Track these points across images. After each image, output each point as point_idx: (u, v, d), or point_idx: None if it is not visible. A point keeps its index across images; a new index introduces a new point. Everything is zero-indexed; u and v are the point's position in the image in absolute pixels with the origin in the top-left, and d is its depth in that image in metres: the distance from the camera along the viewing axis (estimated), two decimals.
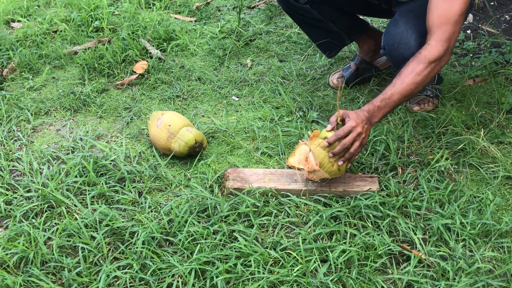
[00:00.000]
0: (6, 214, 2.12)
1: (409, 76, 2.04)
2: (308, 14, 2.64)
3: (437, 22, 2.07)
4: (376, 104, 2.04)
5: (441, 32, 2.06)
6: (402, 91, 2.04)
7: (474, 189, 2.16)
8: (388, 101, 2.04)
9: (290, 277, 1.75)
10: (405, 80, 2.04)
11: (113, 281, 1.81)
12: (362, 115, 2.02)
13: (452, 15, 2.05)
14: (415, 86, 2.05)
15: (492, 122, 2.48)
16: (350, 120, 1.99)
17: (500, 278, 1.78)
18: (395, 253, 1.88)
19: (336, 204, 2.04)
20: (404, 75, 2.04)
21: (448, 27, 2.05)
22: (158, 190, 2.22)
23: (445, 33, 2.05)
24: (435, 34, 2.06)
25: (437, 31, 2.06)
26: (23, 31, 3.55)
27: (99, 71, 3.12)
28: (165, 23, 3.55)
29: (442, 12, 2.06)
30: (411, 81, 2.03)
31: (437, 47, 2.04)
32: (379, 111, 2.04)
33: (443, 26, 2.05)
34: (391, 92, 2.04)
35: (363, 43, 2.84)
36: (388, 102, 2.04)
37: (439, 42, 2.05)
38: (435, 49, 2.04)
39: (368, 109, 2.04)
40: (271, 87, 2.91)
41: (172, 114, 2.45)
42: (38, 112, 2.79)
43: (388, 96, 2.04)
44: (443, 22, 2.06)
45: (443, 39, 2.05)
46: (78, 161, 2.32)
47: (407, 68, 2.05)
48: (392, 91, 2.04)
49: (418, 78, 2.04)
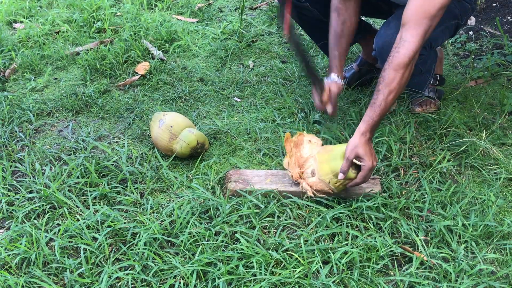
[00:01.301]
0: (8, 215, 2.12)
1: (394, 81, 2.00)
2: (309, 13, 2.63)
3: (414, 14, 2.01)
4: (375, 120, 2.02)
5: (417, 26, 2.00)
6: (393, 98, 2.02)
7: (476, 190, 2.16)
8: (383, 112, 2.03)
9: (292, 278, 1.75)
10: (392, 86, 2.01)
11: (115, 282, 1.81)
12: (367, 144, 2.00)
13: (430, 8, 1.99)
14: (401, 89, 2.04)
15: (494, 124, 2.48)
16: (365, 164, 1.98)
17: (502, 280, 1.78)
18: (397, 254, 1.88)
19: (338, 206, 2.04)
20: (389, 81, 2.01)
21: (425, 21, 2.00)
22: (160, 191, 2.22)
23: (421, 27, 2.00)
24: (411, 29, 2.01)
25: (412, 25, 2.00)
26: (25, 32, 3.55)
27: (101, 72, 3.12)
28: (167, 24, 3.55)
29: (419, 6, 2.00)
30: (398, 85, 2.01)
31: (413, 43, 2.00)
32: (377, 124, 2.05)
33: (420, 19, 1.99)
34: (385, 102, 2.01)
35: (365, 44, 2.84)
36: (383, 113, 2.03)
37: (415, 37, 2.00)
38: (412, 45, 2.00)
39: (370, 128, 2.02)
40: (273, 88, 2.91)
41: (174, 115, 2.45)
42: (40, 113, 2.79)
43: (383, 107, 2.01)
44: (421, 16, 1.99)
45: (419, 33, 2.00)
46: (80, 162, 2.32)
47: (390, 73, 2.01)
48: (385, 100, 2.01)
49: (403, 81, 2.02)
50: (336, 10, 2.42)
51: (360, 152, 1.99)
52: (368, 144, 2.02)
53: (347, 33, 2.43)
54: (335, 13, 2.42)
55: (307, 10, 2.62)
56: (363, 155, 1.99)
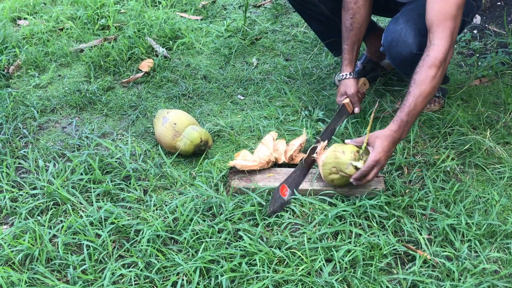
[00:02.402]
0: (12, 211, 2.13)
1: (425, 82, 2.00)
2: (316, 9, 2.63)
3: (437, 19, 2.03)
4: (404, 120, 2.01)
5: (442, 29, 2.02)
6: (424, 99, 2.01)
7: (480, 189, 2.15)
8: (413, 113, 2.02)
9: (295, 276, 1.75)
10: (423, 87, 2.00)
11: (118, 279, 1.81)
12: (389, 140, 2.00)
13: (450, 9, 2.02)
14: (433, 90, 2.03)
15: (498, 123, 2.47)
16: (374, 153, 1.99)
17: (506, 279, 1.78)
18: (400, 253, 1.88)
19: (341, 204, 2.04)
20: (420, 82, 2.00)
21: (448, 23, 2.02)
22: (163, 188, 2.22)
23: (446, 30, 2.02)
24: (437, 32, 2.03)
25: (438, 29, 2.03)
26: (29, 29, 3.56)
27: (105, 69, 3.12)
28: (171, 22, 3.55)
29: (440, 9, 2.03)
30: (429, 86, 2.00)
31: (443, 45, 2.02)
32: (407, 125, 2.03)
33: (443, 22, 2.02)
34: (414, 103, 2.00)
35: (370, 42, 2.84)
36: (414, 114, 2.02)
37: (443, 40, 2.02)
38: (442, 47, 2.02)
39: (398, 127, 2.01)
40: (277, 86, 2.91)
41: (178, 112, 2.45)
42: (44, 109, 2.79)
43: (413, 107, 2.01)
44: (442, 19, 2.03)
45: (446, 36, 2.02)
46: (84, 159, 2.32)
47: (421, 74, 2.01)
48: (415, 101, 2.00)
49: (434, 82, 2.01)
50: (346, 4, 2.42)
51: (377, 143, 2.01)
52: (389, 140, 2.01)
53: (357, 26, 2.43)
54: (345, 8, 2.43)
55: (313, 5, 2.62)
56: (375, 144, 2.00)
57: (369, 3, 2.43)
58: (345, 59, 2.48)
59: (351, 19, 2.42)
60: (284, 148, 2.30)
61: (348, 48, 2.47)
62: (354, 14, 2.41)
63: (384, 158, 2.00)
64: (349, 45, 2.47)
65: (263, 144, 2.33)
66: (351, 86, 2.43)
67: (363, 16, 2.43)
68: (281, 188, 2.07)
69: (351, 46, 2.47)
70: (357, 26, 2.43)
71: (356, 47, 2.48)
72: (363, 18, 2.43)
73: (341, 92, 2.46)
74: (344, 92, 2.45)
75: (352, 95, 2.43)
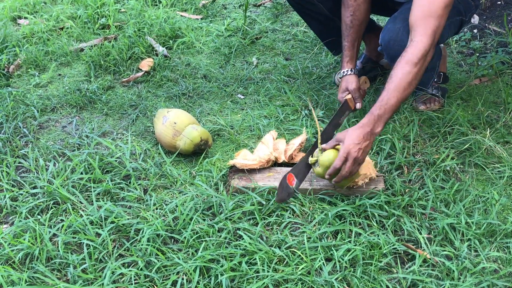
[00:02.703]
0: (12, 210, 2.13)
1: (401, 77, 1.99)
2: (315, 9, 2.63)
3: (420, 16, 2.02)
4: (375, 113, 2.00)
5: (424, 26, 2.01)
6: (397, 95, 2.00)
7: (479, 189, 2.15)
8: (386, 107, 2.00)
9: (295, 275, 1.75)
10: (397, 83, 1.99)
11: (118, 278, 1.81)
12: (358, 132, 1.97)
13: (435, 8, 2.01)
14: (409, 86, 2.01)
15: (498, 122, 2.47)
16: (344, 145, 1.96)
17: (505, 278, 1.78)
18: (400, 252, 1.88)
19: (341, 203, 2.04)
20: (395, 77, 2.00)
21: (431, 21, 2.01)
22: (163, 188, 2.22)
23: (429, 28, 2.00)
24: (419, 29, 2.02)
25: (420, 26, 2.01)
26: (29, 28, 3.56)
27: (105, 68, 3.12)
28: (171, 21, 3.55)
29: (425, 6, 2.01)
30: (404, 82, 1.99)
31: (422, 42, 2.00)
32: (380, 119, 2.00)
33: (427, 20, 2.00)
34: (387, 98, 2.00)
35: (369, 41, 2.84)
36: (387, 108, 2.00)
37: (424, 37, 2.00)
38: (421, 44, 2.00)
39: (368, 121, 1.99)
40: (277, 85, 2.91)
41: (178, 111, 2.45)
42: (44, 109, 2.80)
43: (385, 102, 2.00)
44: (426, 16, 2.01)
45: (427, 33, 2.00)
46: (84, 158, 2.32)
47: (396, 70, 2.01)
48: (387, 96, 2.00)
49: (409, 78, 2.00)
50: (346, 1, 2.42)
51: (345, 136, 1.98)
52: (358, 132, 1.97)
53: (357, 23, 2.43)
54: (345, 5, 2.44)
55: (312, 5, 2.62)
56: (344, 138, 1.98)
57: (368, 0, 2.43)
58: (345, 56, 2.48)
59: (351, 16, 2.42)
60: (284, 147, 2.31)
61: (348, 45, 2.47)
62: (354, 11, 2.41)
63: (355, 150, 1.95)
64: (349, 42, 2.47)
65: (263, 144, 2.33)
66: (352, 82, 2.43)
67: (363, 13, 2.43)
68: (288, 177, 2.05)
69: (352, 43, 2.47)
70: (357, 23, 2.43)
71: (356, 44, 2.48)
72: (363, 15, 2.43)
73: (343, 88, 2.46)
74: (346, 88, 2.44)
75: (354, 91, 2.42)
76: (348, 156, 1.95)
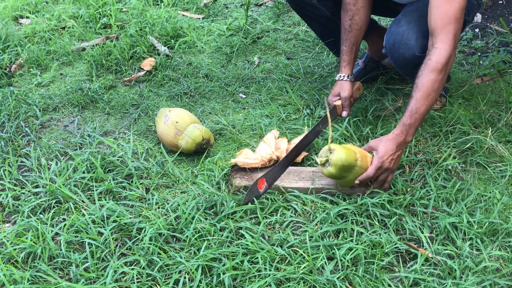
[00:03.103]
0: (14, 209, 2.13)
1: (428, 85, 2.02)
2: (316, 11, 2.63)
3: (440, 23, 2.04)
4: (406, 123, 2.04)
5: (446, 33, 2.03)
6: (426, 102, 2.03)
7: (481, 188, 2.15)
8: (416, 116, 2.03)
9: (297, 274, 1.76)
10: (424, 91, 2.02)
11: (120, 277, 1.81)
12: (392, 143, 2.04)
13: (453, 13, 2.02)
14: (436, 93, 2.04)
15: (500, 121, 2.47)
16: (378, 156, 2.03)
17: (507, 277, 1.78)
18: (402, 251, 1.88)
19: (343, 202, 2.04)
20: (422, 86, 2.02)
21: (451, 27, 2.03)
22: (165, 187, 2.22)
23: (450, 33, 2.03)
24: (441, 35, 2.03)
25: (442, 32, 2.03)
26: (31, 27, 3.56)
27: (107, 67, 3.13)
28: (173, 20, 3.55)
29: (444, 13, 2.03)
30: (431, 89, 2.02)
31: (445, 49, 2.02)
32: (411, 128, 2.05)
33: (447, 26, 2.03)
34: (416, 107, 2.03)
35: (372, 41, 2.83)
36: (417, 117, 2.04)
37: (446, 44, 2.02)
38: (444, 51, 2.02)
39: (401, 131, 2.04)
40: (278, 84, 2.91)
41: (180, 111, 2.45)
42: (46, 108, 2.80)
43: (414, 111, 2.03)
44: (447, 22, 2.03)
45: (449, 39, 2.03)
46: (86, 157, 2.32)
47: (422, 78, 2.03)
48: (416, 105, 2.03)
49: (436, 86, 2.02)
50: (345, 6, 2.42)
51: (378, 145, 2.05)
52: (391, 143, 2.04)
53: (356, 27, 2.42)
54: (344, 10, 2.43)
55: (313, 7, 2.61)
56: (378, 148, 2.04)
57: (368, 4, 2.43)
58: (343, 60, 2.48)
59: (350, 21, 2.42)
60: (286, 146, 2.31)
61: (346, 50, 2.46)
62: (353, 15, 2.41)
63: (389, 161, 2.02)
64: (347, 47, 2.46)
65: (265, 143, 2.34)
66: (346, 89, 2.43)
67: (362, 18, 2.43)
68: (259, 182, 2.08)
69: (350, 47, 2.46)
70: (356, 27, 2.43)
71: (354, 48, 2.47)
72: (362, 20, 2.43)
73: (335, 92, 2.45)
74: (338, 93, 2.44)
75: (345, 99, 2.42)
76: (382, 165, 2.02)
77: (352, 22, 2.42)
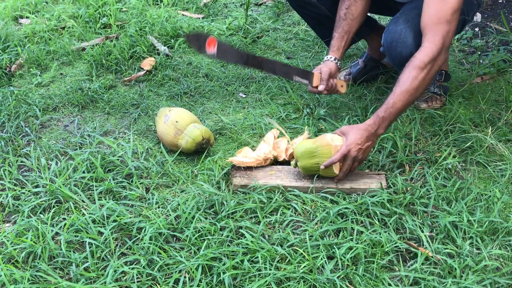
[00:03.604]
0: (14, 209, 2.13)
1: (407, 82, 2.03)
2: (316, 10, 2.63)
3: (430, 22, 2.05)
4: (380, 115, 2.05)
5: (434, 32, 2.04)
6: (403, 98, 2.04)
7: (481, 187, 2.15)
8: (391, 110, 2.05)
9: (297, 273, 1.76)
10: (404, 87, 2.03)
11: (121, 276, 1.81)
12: (362, 133, 2.05)
13: (445, 14, 2.03)
14: (415, 91, 2.05)
15: (500, 120, 2.47)
16: (346, 143, 2.05)
17: (508, 276, 1.78)
18: (402, 250, 1.88)
19: (343, 201, 2.04)
20: (402, 82, 2.04)
21: (441, 27, 2.03)
22: (165, 186, 2.22)
23: (438, 33, 2.04)
24: (428, 35, 2.05)
25: (430, 32, 2.05)
26: (31, 27, 3.56)
27: (107, 67, 3.13)
28: (173, 20, 3.55)
29: (435, 12, 2.04)
30: (410, 86, 2.03)
31: (431, 47, 2.03)
32: (384, 121, 2.06)
33: (436, 25, 2.04)
34: (393, 101, 2.04)
35: (372, 40, 2.84)
36: (392, 111, 2.05)
37: (433, 43, 2.03)
38: (429, 50, 2.03)
39: (374, 122, 2.06)
40: (278, 84, 2.91)
41: (180, 110, 2.45)
42: (46, 108, 2.80)
43: (390, 105, 2.04)
44: (436, 22, 2.04)
45: (436, 39, 2.03)
46: (86, 157, 2.32)
47: (404, 74, 2.05)
48: (393, 99, 2.04)
49: (416, 83, 2.03)
50: None
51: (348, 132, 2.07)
52: (361, 133, 2.05)
53: (350, 17, 2.44)
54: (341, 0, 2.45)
55: (313, 6, 2.61)
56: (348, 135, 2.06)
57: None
58: (333, 45, 2.48)
59: (345, 10, 2.44)
60: (286, 146, 2.31)
61: (337, 36, 2.47)
62: (350, 5, 2.43)
63: (356, 149, 2.04)
64: (339, 33, 2.46)
65: (265, 142, 2.34)
66: (328, 65, 2.44)
67: (359, 9, 2.44)
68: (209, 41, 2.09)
69: (341, 34, 2.46)
70: (350, 17, 2.44)
71: (346, 37, 2.47)
72: (358, 11, 2.44)
73: (319, 67, 2.47)
74: (320, 68, 2.45)
75: (324, 72, 2.42)
76: (348, 153, 2.04)
77: (347, 11, 2.43)
